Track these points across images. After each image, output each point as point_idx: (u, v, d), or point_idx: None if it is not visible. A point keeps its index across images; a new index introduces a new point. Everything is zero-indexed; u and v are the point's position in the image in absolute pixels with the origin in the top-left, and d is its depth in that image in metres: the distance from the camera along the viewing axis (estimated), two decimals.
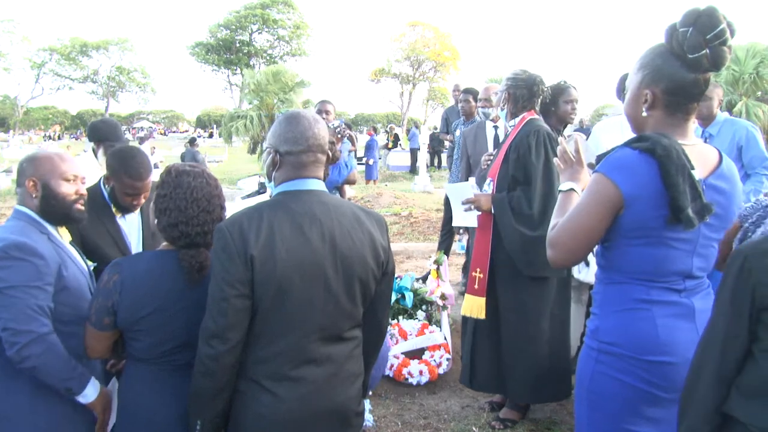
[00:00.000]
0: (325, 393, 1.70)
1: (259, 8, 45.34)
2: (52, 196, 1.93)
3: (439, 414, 3.57)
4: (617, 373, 1.63)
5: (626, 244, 1.61)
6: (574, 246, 1.64)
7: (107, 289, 1.74)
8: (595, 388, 1.68)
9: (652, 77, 1.64)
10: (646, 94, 1.65)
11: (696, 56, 1.56)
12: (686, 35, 1.56)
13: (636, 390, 1.61)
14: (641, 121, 1.69)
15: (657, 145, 1.55)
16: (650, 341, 1.59)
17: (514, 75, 3.31)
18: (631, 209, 1.56)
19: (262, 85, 18.58)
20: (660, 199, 1.54)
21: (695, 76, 1.60)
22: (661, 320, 1.60)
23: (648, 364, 1.59)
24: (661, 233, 1.57)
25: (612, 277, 1.68)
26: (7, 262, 1.76)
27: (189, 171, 1.82)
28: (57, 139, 41.59)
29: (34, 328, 1.73)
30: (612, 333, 1.65)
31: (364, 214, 1.79)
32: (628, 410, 1.63)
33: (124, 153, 2.47)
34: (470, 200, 3.27)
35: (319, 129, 1.75)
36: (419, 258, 7.03)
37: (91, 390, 1.87)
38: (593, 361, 1.69)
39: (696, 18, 1.56)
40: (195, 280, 1.77)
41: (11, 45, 45.08)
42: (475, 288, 3.30)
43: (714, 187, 1.64)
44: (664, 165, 1.53)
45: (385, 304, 1.89)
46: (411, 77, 47.43)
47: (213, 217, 1.80)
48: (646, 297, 1.62)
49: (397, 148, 21.99)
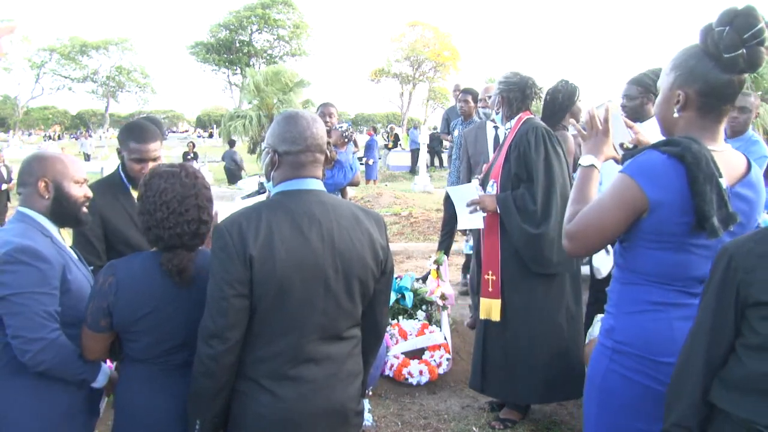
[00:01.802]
0: (325, 392, 1.70)
1: (259, 8, 45.31)
2: (64, 198, 1.92)
3: (439, 414, 3.57)
4: (630, 372, 1.64)
5: (646, 247, 1.61)
6: (591, 242, 1.65)
7: (103, 290, 1.73)
8: (607, 387, 1.68)
9: (686, 78, 1.63)
10: (679, 95, 1.64)
11: (732, 56, 1.55)
12: (722, 34, 1.55)
13: (648, 389, 1.61)
14: (672, 122, 1.68)
15: (687, 151, 1.53)
16: (665, 343, 1.59)
17: (505, 78, 3.33)
18: (655, 214, 1.56)
19: (262, 85, 18.56)
20: (685, 206, 1.53)
21: (729, 77, 1.59)
22: (676, 323, 1.60)
23: (663, 366, 1.59)
24: (683, 239, 1.57)
25: (629, 278, 1.67)
26: (13, 267, 1.75)
27: (162, 173, 1.78)
28: (57, 139, 41.60)
29: (44, 335, 1.74)
30: (627, 333, 1.66)
31: (363, 214, 1.79)
32: (638, 409, 1.63)
33: (130, 123, 2.58)
34: (475, 201, 3.26)
35: (317, 129, 1.74)
36: (419, 258, 7.04)
37: (102, 376, 1.91)
38: (607, 359, 1.69)
39: (733, 17, 1.54)
40: (178, 282, 1.75)
41: (11, 45, 45.09)
42: (489, 291, 3.29)
43: (740, 195, 1.63)
44: (692, 172, 1.52)
45: (384, 303, 1.89)
46: (411, 77, 47.42)
47: (186, 218, 1.74)
48: (662, 300, 1.62)
49: (397, 148, 21.99)
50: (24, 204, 1.93)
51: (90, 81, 50.05)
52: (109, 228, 2.46)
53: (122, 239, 2.47)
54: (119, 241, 2.47)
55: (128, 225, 2.50)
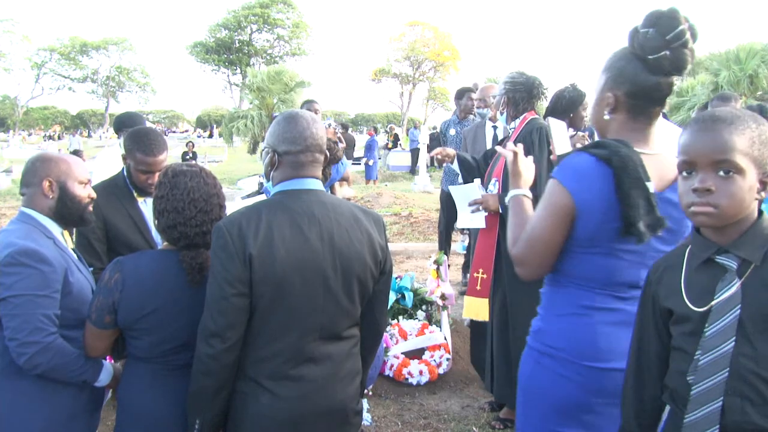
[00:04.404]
0: (325, 392, 1.70)
1: (258, 8, 45.32)
2: (69, 198, 1.92)
3: (439, 414, 3.57)
4: (555, 375, 1.62)
5: (577, 252, 1.59)
6: (538, 261, 1.61)
7: (108, 287, 1.74)
8: (532, 389, 1.67)
9: (615, 80, 1.61)
10: (609, 98, 1.62)
11: (656, 57, 1.54)
12: (646, 36, 1.54)
13: (571, 394, 1.60)
14: (604, 125, 1.66)
15: (614, 155, 1.51)
16: (590, 347, 1.58)
17: (511, 79, 3.31)
18: (582, 218, 1.54)
19: (263, 84, 18.58)
20: (613, 210, 1.51)
21: (657, 79, 1.57)
22: (602, 327, 1.59)
23: (586, 370, 1.58)
24: (612, 244, 1.55)
25: (559, 280, 1.66)
26: (15, 269, 1.74)
27: (186, 171, 1.81)
28: (57, 139, 41.57)
29: (39, 339, 1.73)
30: (554, 336, 1.64)
31: (363, 214, 1.79)
32: (561, 413, 1.62)
33: (137, 131, 2.54)
34: (477, 201, 3.25)
35: (317, 129, 1.75)
36: (419, 258, 7.04)
37: (105, 375, 1.91)
38: (533, 361, 1.68)
39: (657, 19, 1.53)
40: (196, 280, 1.77)
41: (11, 45, 45.14)
42: (477, 289, 3.27)
43: (669, 200, 1.59)
44: (618, 176, 1.49)
45: (383, 303, 1.89)
46: (411, 77, 47.43)
47: (211, 217, 1.79)
48: (590, 303, 1.60)
49: (397, 148, 21.98)
50: (27, 204, 1.92)
51: (90, 81, 50.10)
52: (111, 231, 2.47)
53: (125, 242, 2.47)
54: (121, 244, 2.48)
55: (131, 229, 2.50)
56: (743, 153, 1.25)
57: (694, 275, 1.35)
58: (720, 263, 1.31)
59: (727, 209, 1.26)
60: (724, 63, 16.61)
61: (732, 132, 1.26)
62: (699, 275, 1.34)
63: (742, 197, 1.26)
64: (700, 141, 1.29)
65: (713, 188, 1.26)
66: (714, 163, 1.26)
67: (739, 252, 1.28)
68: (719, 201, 1.26)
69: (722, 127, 1.27)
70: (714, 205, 1.26)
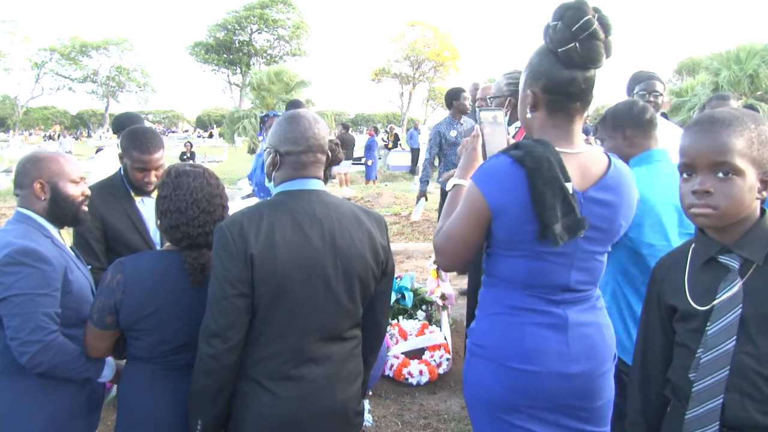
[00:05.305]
0: (326, 392, 1.70)
1: (258, 8, 45.33)
2: (61, 198, 1.91)
3: (439, 414, 3.57)
4: (483, 375, 1.60)
5: (500, 254, 1.57)
6: (454, 253, 1.60)
7: (110, 288, 1.74)
8: (468, 386, 1.67)
9: (532, 76, 1.58)
10: (528, 95, 1.59)
11: (565, 50, 1.49)
12: (555, 29, 1.51)
13: (498, 395, 1.58)
14: (528, 123, 1.63)
15: (528, 156, 1.46)
16: (516, 348, 1.55)
17: (514, 80, 3.25)
18: (499, 221, 1.51)
19: (265, 84, 18.61)
20: (529, 213, 1.47)
21: (571, 73, 1.52)
22: (529, 328, 1.55)
23: (511, 371, 1.55)
24: (534, 247, 1.51)
25: (492, 281, 1.64)
26: (14, 268, 1.74)
27: (189, 171, 1.81)
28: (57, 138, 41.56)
29: (41, 338, 1.73)
30: (483, 335, 1.63)
31: (364, 214, 1.79)
32: (492, 413, 1.60)
33: (133, 130, 2.53)
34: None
35: (319, 129, 1.75)
36: (419, 258, 7.04)
37: (108, 370, 1.92)
38: (467, 360, 1.68)
39: (564, 11, 1.50)
40: (198, 281, 1.77)
41: (11, 45, 45.15)
42: None
43: (595, 199, 1.54)
44: (531, 178, 1.45)
45: (385, 303, 1.89)
46: (411, 77, 47.44)
47: (214, 217, 1.79)
48: (519, 304, 1.57)
49: (397, 148, 21.98)
50: (22, 205, 1.92)
51: (90, 81, 50.10)
52: (109, 231, 2.47)
53: (123, 242, 2.47)
54: (119, 244, 2.47)
55: (129, 228, 2.50)
56: (742, 154, 1.25)
57: (697, 274, 1.36)
58: (722, 263, 1.32)
59: (727, 210, 1.27)
60: (725, 63, 16.63)
61: (730, 133, 1.26)
62: (702, 274, 1.35)
63: (741, 198, 1.26)
64: (698, 143, 1.29)
65: (712, 190, 1.27)
66: (712, 164, 1.26)
67: (742, 252, 1.29)
68: (719, 202, 1.26)
69: (720, 128, 1.27)
70: (713, 206, 1.27)
